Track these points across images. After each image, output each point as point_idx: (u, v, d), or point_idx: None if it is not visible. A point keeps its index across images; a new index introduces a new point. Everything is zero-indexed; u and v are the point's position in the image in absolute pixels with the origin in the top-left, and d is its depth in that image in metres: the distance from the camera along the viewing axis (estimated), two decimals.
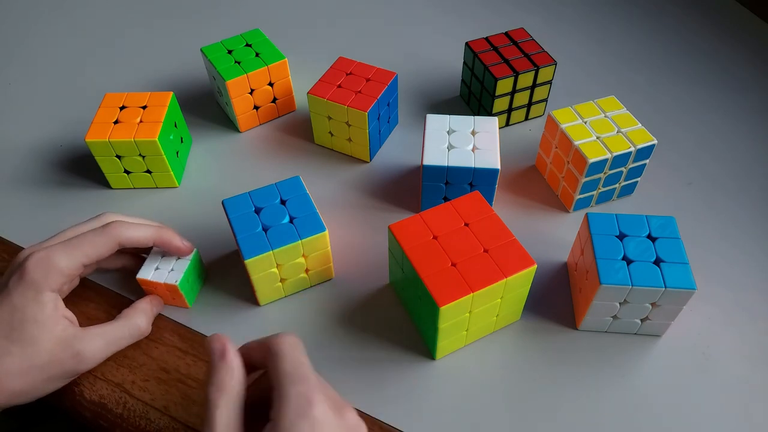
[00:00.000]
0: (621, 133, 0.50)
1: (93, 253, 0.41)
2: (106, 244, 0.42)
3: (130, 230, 0.43)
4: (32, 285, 0.39)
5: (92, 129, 0.51)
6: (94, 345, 0.41)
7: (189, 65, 0.68)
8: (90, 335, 0.41)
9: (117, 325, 0.43)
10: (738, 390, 0.42)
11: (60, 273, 0.40)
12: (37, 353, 0.39)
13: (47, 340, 0.39)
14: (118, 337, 0.42)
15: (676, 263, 0.41)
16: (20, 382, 0.38)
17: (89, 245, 0.41)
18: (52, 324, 0.39)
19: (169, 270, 0.45)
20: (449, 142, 0.50)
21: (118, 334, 0.42)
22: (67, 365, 0.40)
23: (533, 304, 0.46)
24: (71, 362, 0.40)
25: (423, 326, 0.43)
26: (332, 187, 0.55)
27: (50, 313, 0.39)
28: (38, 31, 0.75)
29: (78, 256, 0.41)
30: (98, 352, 0.41)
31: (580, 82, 0.65)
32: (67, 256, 0.40)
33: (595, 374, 0.43)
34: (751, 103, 0.63)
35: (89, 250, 0.41)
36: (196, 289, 0.47)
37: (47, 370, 0.39)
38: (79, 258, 0.41)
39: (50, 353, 0.39)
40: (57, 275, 0.40)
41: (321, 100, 0.54)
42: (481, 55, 0.57)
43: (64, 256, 0.40)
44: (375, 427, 0.40)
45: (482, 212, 0.43)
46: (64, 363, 0.40)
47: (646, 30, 0.72)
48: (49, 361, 0.39)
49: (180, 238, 0.45)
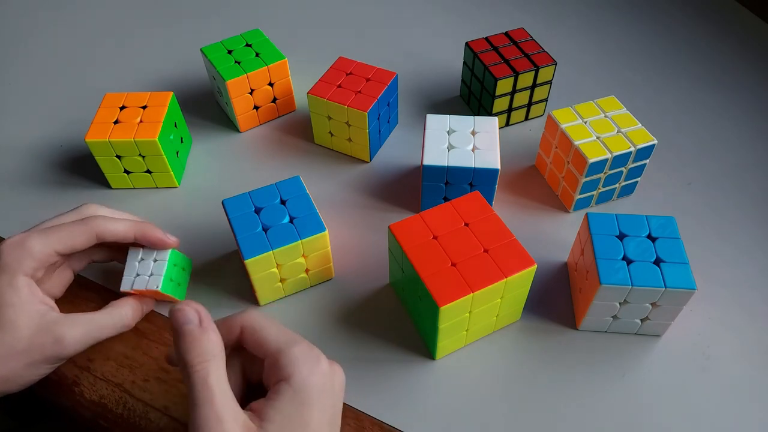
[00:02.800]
0: (621, 133, 0.50)
1: (68, 240, 0.41)
2: (84, 235, 0.41)
3: (109, 224, 0.42)
4: (6, 269, 0.39)
5: (92, 129, 0.51)
6: (75, 331, 0.40)
7: (189, 65, 0.68)
8: (71, 321, 0.40)
9: (101, 313, 0.42)
10: (738, 390, 0.42)
11: (32, 257, 0.40)
12: (17, 338, 0.38)
13: (26, 326, 0.39)
14: (101, 326, 0.42)
15: (676, 263, 0.41)
16: (1, 368, 0.38)
17: (65, 233, 0.41)
18: (29, 308, 0.39)
19: (149, 275, 0.43)
20: (449, 142, 0.50)
21: (101, 323, 0.42)
22: (47, 350, 0.39)
23: (533, 304, 0.46)
24: (52, 347, 0.39)
25: (423, 326, 0.43)
26: (332, 187, 0.55)
27: (26, 297, 0.39)
28: (38, 31, 0.75)
29: (52, 241, 0.40)
30: (79, 338, 0.40)
31: (580, 82, 0.65)
32: (41, 241, 0.40)
33: (595, 374, 0.43)
34: (751, 103, 0.63)
35: (65, 237, 0.41)
36: (184, 283, 0.47)
37: (28, 355, 0.39)
38: (53, 244, 0.40)
39: (29, 338, 0.39)
40: (29, 260, 0.40)
41: (321, 100, 0.54)
42: (481, 55, 0.57)
43: (38, 241, 0.40)
44: (375, 427, 0.40)
45: (482, 212, 0.43)
46: (45, 348, 0.39)
47: (646, 30, 0.72)
48: (29, 346, 0.39)
49: (162, 231, 0.44)
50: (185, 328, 0.33)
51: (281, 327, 0.35)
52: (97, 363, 0.44)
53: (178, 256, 0.46)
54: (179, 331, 0.33)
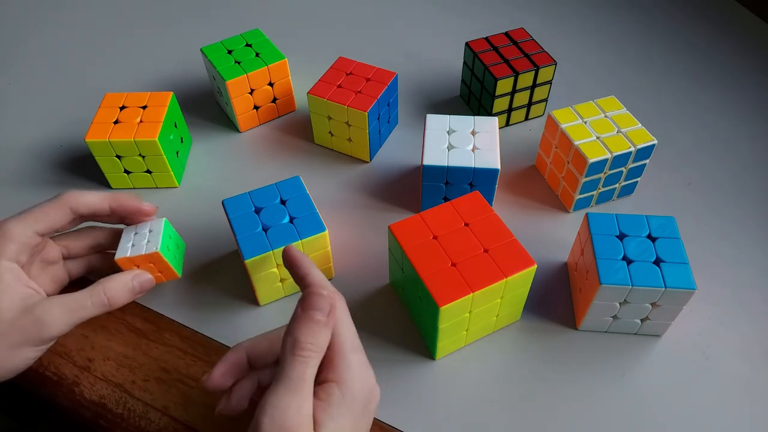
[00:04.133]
0: (621, 133, 0.50)
1: (45, 219, 0.41)
2: (58, 210, 0.42)
3: (81, 196, 0.43)
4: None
5: (92, 129, 0.51)
6: (55, 311, 0.40)
7: (189, 65, 0.68)
8: (51, 301, 0.40)
9: (81, 293, 0.41)
10: (738, 390, 0.42)
11: (12, 240, 0.40)
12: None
13: (8, 309, 0.39)
14: (81, 306, 0.41)
15: (676, 263, 0.41)
16: None
17: (40, 212, 0.41)
18: (12, 292, 0.39)
19: (145, 242, 0.43)
20: (449, 142, 0.50)
21: (81, 303, 0.41)
22: (28, 332, 0.39)
23: (533, 304, 0.46)
24: (32, 329, 0.39)
25: (423, 326, 0.43)
26: (332, 187, 0.55)
27: (10, 281, 0.39)
28: (38, 31, 0.75)
29: (29, 222, 0.41)
30: (59, 317, 0.40)
31: (580, 82, 0.65)
32: (19, 224, 0.41)
33: (595, 374, 0.43)
34: (751, 103, 0.63)
35: (40, 215, 0.41)
36: (180, 258, 0.46)
37: (8, 338, 0.38)
38: (31, 225, 0.41)
39: (10, 320, 0.39)
40: (10, 243, 0.40)
41: (321, 100, 0.54)
42: (481, 55, 0.57)
43: (15, 224, 0.40)
44: (375, 427, 0.40)
45: (482, 212, 0.43)
46: (25, 329, 0.39)
47: (646, 30, 0.72)
48: (9, 328, 0.38)
49: (138, 199, 0.44)
50: (313, 314, 0.33)
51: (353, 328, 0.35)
52: (97, 363, 0.44)
53: (172, 231, 0.46)
54: (307, 315, 0.33)
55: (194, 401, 0.42)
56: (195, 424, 0.41)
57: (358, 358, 0.34)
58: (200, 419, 0.41)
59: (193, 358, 0.44)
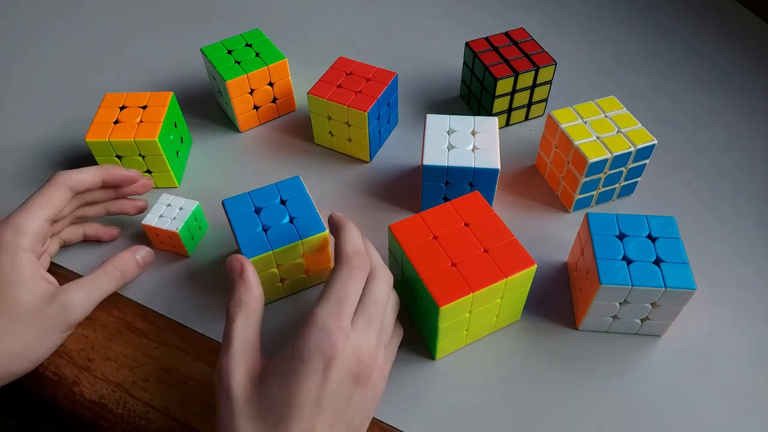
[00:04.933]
0: (621, 133, 0.50)
1: (49, 204, 0.43)
2: (58, 191, 0.43)
3: (75, 174, 0.45)
4: (5, 250, 0.40)
5: (92, 129, 0.51)
6: (77, 294, 0.42)
7: (189, 65, 0.68)
8: (71, 287, 0.42)
9: (96, 273, 0.44)
10: (738, 390, 0.42)
11: (28, 233, 0.41)
12: (23, 313, 0.40)
13: (30, 301, 0.40)
14: (100, 284, 0.44)
15: (676, 263, 0.41)
16: (11, 344, 0.39)
17: (42, 198, 0.43)
18: (32, 284, 0.40)
19: (172, 218, 0.48)
20: (449, 142, 0.50)
21: (98, 281, 0.44)
22: (55, 319, 0.41)
23: (533, 304, 0.46)
24: (58, 315, 0.41)
25: (423, 326, 0.43)
26: (332, 187, 0.55)
27: (29, 274, 0.40)
28: (39, 31, 0.75)
29: (37, 211, 0.42)
30: (82, 299, 0.42)
31: (580, 82, 0.65)
32: (28, 215, 0.42)
33: (595, 374, 0.43)
34: (750, 103, 0.63)
35: (44, 202, 0.43)
36: (197, 239, 0.50)
37: (36, 328, 0.40)
38: (39, 213, 0.42)
39: (35, 312, 0.40)
40: (26, 235, 0.41)
41: (321, 100, 0.54)
42: (481, 55, 0.57)
43: (26, 215, 0.42)
44: (375, 427, 0.40)
45: (482, 212, 0.43)
46: (52, 317, 0.41)
47: (646, 30, 0.72)
48: (36, 319, 0.40)
49: (127, 169, 0.47)
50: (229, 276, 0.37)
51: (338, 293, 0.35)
52: (97, 363, 0.44)
53: (201, 214, 0.50)
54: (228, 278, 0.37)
55: (194, 401, 0.42)
56: (195, 424, 0.41)
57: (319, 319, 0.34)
58: (200, 419, 0.41)
59: (193, 358, 0.44)
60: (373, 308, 0.36)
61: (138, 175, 0.48)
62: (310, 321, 0.34)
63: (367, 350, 0.34)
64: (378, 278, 0.37)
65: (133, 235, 0.51)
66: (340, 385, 0.33)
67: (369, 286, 0.36)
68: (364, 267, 0.36)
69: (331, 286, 0.35)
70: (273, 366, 0.34)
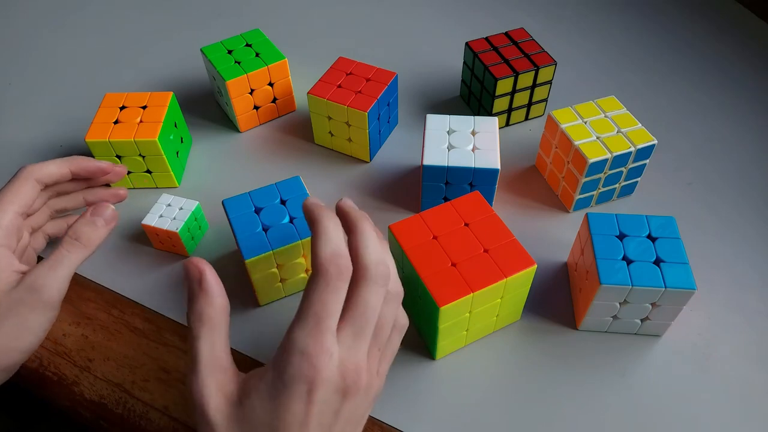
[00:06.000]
0: (621, 133, 0.50)
1: (17, 198, 0.42)
2: (25, 185, 0.43)
3: (41, 166, 0.44)
4: None
5: (92, 129, 0.51)
6: (39, 272, 0.39)
7: (189, 65, 0.68)
8: (34, 268, 0.40)
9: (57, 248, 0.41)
10: (738, 390, 0.42)
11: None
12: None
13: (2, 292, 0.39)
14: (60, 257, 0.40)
15: (676, 263, 0.41)
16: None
17: (9, 193, 0.42)
18: (5, 277, 0.39)
19: (171, 218, 0.48)
20: (449, 142, 0.50)
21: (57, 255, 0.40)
22: (27, 300, 0.39)
23: (533, 304, 0.46)
24: (29, 296, 0.39)
25: (423, 326, 0.43)
26: (332, 187, 0.55)
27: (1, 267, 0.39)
28: (39, 31, 0.75)
29: (5, 206, 0.41)
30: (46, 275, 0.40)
31: (580, 82, 0.65)
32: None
33: (595, 374, 0.43)
34: (750, 103, 0.63)
35: (11, 197, 0.42)
36: (197, 239, 0.50)
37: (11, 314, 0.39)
38: (7, 207, 0.41)
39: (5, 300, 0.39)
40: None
41: (321, 100, 0.54)
42: (481, 55, 0.57)
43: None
44: (375, 427, 0.40)
45: (482, 212, 0.43)
46: (23, 299, 0.39)
47: (646, 30, 0.72)
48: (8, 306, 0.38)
49: (96, 160, 0.46)
50: (186, 285, 0.32)
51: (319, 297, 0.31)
52: (97, 363, 0.44)
53: (201, 214, 0.50)
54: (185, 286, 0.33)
55: None
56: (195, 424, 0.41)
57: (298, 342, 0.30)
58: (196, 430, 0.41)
59: None
60: (362, 317, 0.32)
61: (109, 165, 0.47)
62: (288, 344, 0.31)
63: (354, 364, 0.31)
64: (367, 279, 0.32)
65: (133, 235, 0.51)
66: (326, 404, 0.31)
67: (356, 291, 0.32)
68: (344, 272, 0.32)
69: (307, 300, 0.31)
70: (252, 386, 0.31)
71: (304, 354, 0.30)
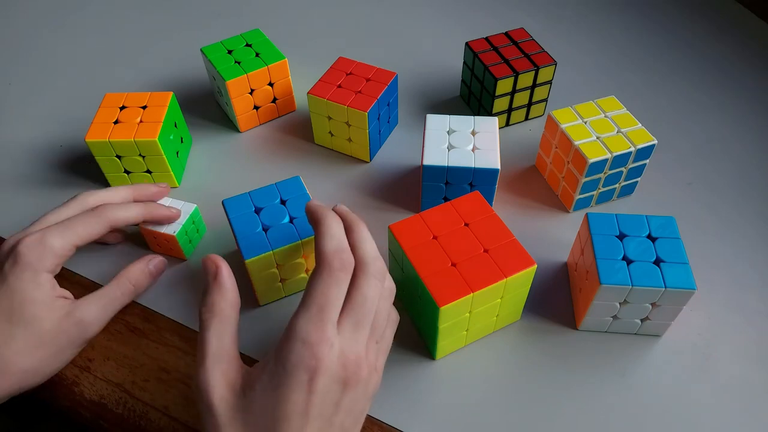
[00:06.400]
0: (621, 133, 0.50)
1: (85, 234, 0.43)
2: (99, 226, 0.44)
3: (120, 212, 0.45)
4: (28, 267, 0.40)
5: (92, 129, 0.51)
6: (92, 310, 0.42)
7: (189, 65, 0.68)
8: (86, 302, 0.42)
9: (109, 287, 0.44)
10: (738, 390, 0.42)
11: (54, 254, 0.41)
12: (42, 331, 0.40)
13: (48, 319, 0.40)
14: (113, 298, 0.44)
15: (676, 263, 0.41)
16: (29, 361, 0.39)
17: (82, 227, 0.43)
18: (51, 302, 0.40)
19: None
20: (449, 142, 0.50)
21: (112, 296, 0.44)
22: (72, 335, 0.41)
23: (533, 304, 0.46)
24: (75, 330, 0.41)
25: (423, 326, 0.43)
26: (332, 187, 0.55)
27: (49, 292, 0.41)
28: (39, 31, 0.75)
29: (71, 236, 0.42)
30: (97, 314, 0.42)
31: (580, 82, 0.65)
32: (61, 237, 0.42)
33: (595, 374, 0.43)
34: (750, 103, 0.63)
35: (82, 231, 0.43)
36: (195, 242, 0.50)
37: (54, 344, 0.40)
38: (72, 239, 0.42)
39: (52, 329, 0.40)
40: (51, 256, 0.41)
41: (321, 100, 0.54)
42: (481, 55, 0.57)
43: (58, 237, 0.42)
44: (375, 427, 0.40)
45: (482, 212, 0.43)
46: (69, 334, 0.41)
47: (646, 30, 0.72)
48: (54, 336, 0.40)
49: (166, 208, 0.47)
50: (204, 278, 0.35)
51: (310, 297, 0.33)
52: (97, 363, 0.44)
53: (198, 217, 0.50)
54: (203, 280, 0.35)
55: (194, 401, 0.42)
56: (195, 424, 0.41)
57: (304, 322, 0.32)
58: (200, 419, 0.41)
59: (193, 358, 0.44)
60: (361, 308, 0.33)
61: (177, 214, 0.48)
62: (290, 332, 0.32)
63: (354, 354, 0.32)
64: (366, 273, 0.34)
65: (132, 236, 0.51)
66: (326, 394, 0.32)
67: (356, 284, 0.34)
68: (347, 266, 0.34)
69: (311, 291, 0.33)
70: (255, 377, 0.32)
71: (306, 342, 0.31)
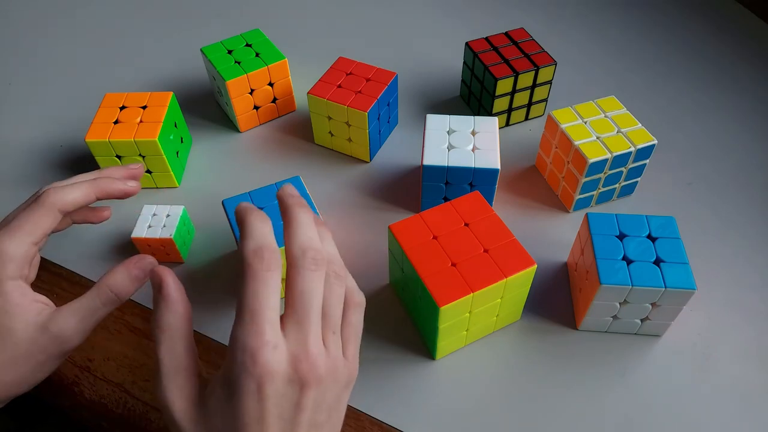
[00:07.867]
0: (621, 133, 0.50)
1: (36, 230, 0.40)
2: (47, 216, 0.40)
3: (66, 194, 0.41)
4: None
5: (92, 129, 0.51)
6: (69, 323, 0.38)
7: (189, 65, 0.68)
8: (63, 315, 0.38)
9: (88, 296, 0.39)
10: (738, 390, 0.42)
11: (12, 260, 0.38)
12: (16, 343, 0.37)
13: (22, 330, 0.37)
14: (93, 310, 0.39)
15: (676, 263, 0.41)
16: (9, 374, 0.37)
17: (30, 223, 0.40)
18: (22, 311, 0.38)
19: (162, 226, 0.47)
20: (449, 142, 0.50)
21: (91, 307, 0.39)
22: (50, 349, 0.38)
23: (533, 304, 0.46)
24: (53, 346, 0.38)
25: (423, 326, 0.43)
26: (332, 187, 0.55)
27: (18, 300, 0.38)
28: (38, 31, 0.75)
29: (22, 237, 0.39)
30: (74, 328, 0.38)
31: (580, 82, 0.65)
32: (12, 240, 0.39)
33: (595, 374, 0.43)
34: (750, 103, 0.63)
35: (31, 227, 0.40)
36: (187, 244, 0.50)
37: (32, 358, 0.38)
38: (25, 239, 0.39)
39: (29, 341, 0.38)
40: (10, 263, 0.38)
41: (321, 100, 0.54)
42: (481, 55, 0.57)
43: (10, 241, 0.39)
44: (375, 427, 0.40)
45: (482, 212, 0.43)
46: (47, 348, 0.38)
47: (646, 30, 0.72)
48: (30, 349, 0.38)
49: (121, 181, 0.44)
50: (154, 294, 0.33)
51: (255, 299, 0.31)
52: (97, 363, 0.44)
53: (188, 218, 0.50)
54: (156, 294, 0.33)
55: None
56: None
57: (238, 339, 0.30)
58: None
59: None
60: (300, 304, 0.32)
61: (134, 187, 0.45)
62: (231, 343, 0.31)
63: (305, 353, 0.31)
64: (297, 266, 0.32)
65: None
66: (281, 397, 0.31)
67: (289, 280, 0.32)
68: (271, 264, 0.31)
69: (239, 299, 0.31)
70: (211, 389, 0.32)
71: (246, 350, 0.30)
